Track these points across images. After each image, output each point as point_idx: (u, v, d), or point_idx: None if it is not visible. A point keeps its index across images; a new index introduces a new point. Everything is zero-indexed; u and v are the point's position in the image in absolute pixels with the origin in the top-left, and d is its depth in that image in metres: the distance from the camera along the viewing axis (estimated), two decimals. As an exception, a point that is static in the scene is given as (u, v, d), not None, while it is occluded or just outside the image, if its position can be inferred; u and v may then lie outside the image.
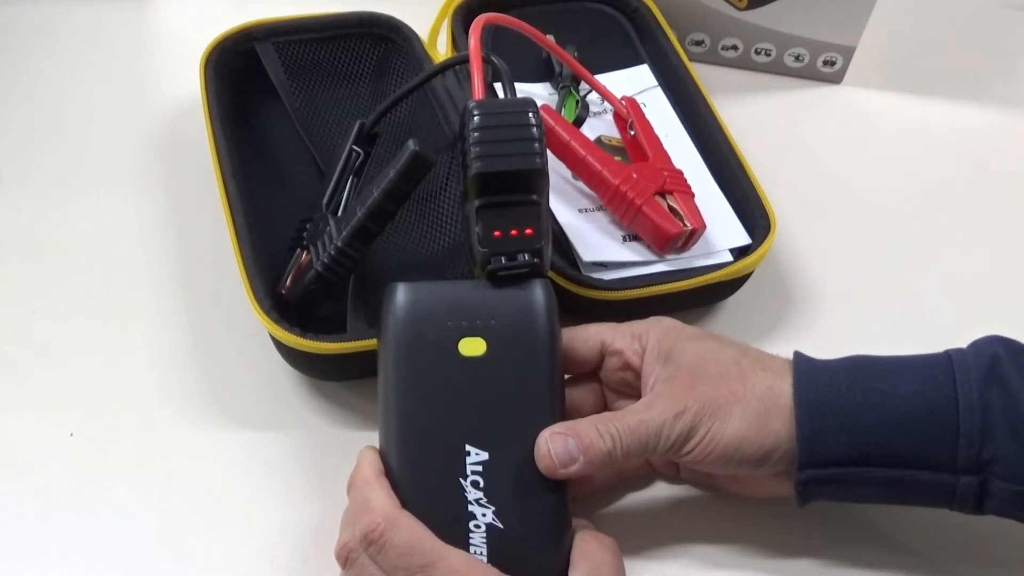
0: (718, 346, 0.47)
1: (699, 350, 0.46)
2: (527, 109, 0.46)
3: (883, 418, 0.43)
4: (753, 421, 0.44)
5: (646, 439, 0.44)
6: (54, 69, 0.70)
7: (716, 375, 0.45)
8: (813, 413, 0.43)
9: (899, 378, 0.44)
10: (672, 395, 0.45)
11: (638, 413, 0.44)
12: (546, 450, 0.43)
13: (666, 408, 0.44)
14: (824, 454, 0.43)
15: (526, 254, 0.45)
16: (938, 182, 0.68)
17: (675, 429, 0.44)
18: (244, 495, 0.50)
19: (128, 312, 0.57)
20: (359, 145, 0.55)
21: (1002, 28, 0.80)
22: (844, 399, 0.44)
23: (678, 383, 0.45)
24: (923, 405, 0.43)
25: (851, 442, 0.43)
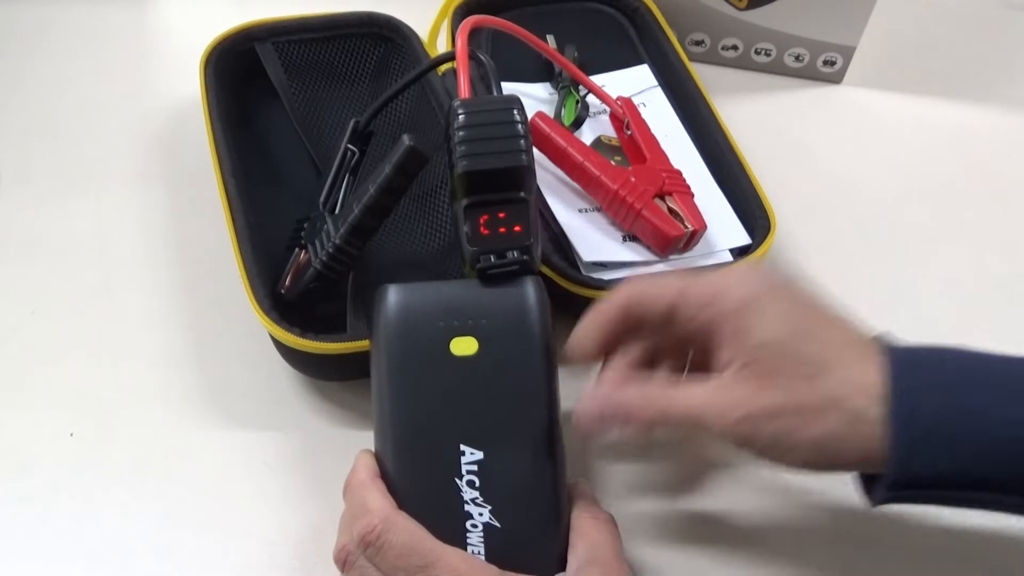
0: (804, 324, 0.42)
1: (782, 332, 0.41)
2: (512, 107, 0.46)
3: (983, 446, 0.39)
4: (837, 431, 0.40)
5: (696, 428, 0.42)
6: (54, 69, 0.70)
7: (798, 374, 0.40)
8: (909, 435, 0.39)
9: (1002, 393, 0.40)
10: (742, 393, 0.41)
11: (697, 400, 0.42)
12: (574, 423, 0.43)
13: (731, 406, 0.41)
14: (915, 476, 0.40)
15: (516, 251, 0.45)
16: (938, 182, 0.68)
17: (736, 432, 0.41)
18: (244, 495, 0.50)
19: (128, 312, 0.57)
20: (354, 143, 0.55)
21: (1002, 28, 0.80)
22: (943, 419, 0.39)
23: (752, 379, 0.41)
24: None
25: (947, 468, 0.39)
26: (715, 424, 0.41)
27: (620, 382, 0.44)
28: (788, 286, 0.43)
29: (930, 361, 0.41)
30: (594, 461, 0.52)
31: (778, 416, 0.40)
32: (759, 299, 0.42)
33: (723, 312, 0.42)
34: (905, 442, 0.39)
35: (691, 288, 0.43)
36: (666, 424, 0.43)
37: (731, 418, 0.41)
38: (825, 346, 0.41)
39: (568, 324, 0.55)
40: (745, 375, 0.41)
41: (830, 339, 0.41)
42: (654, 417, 0.43)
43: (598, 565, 0.42)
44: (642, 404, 0.43)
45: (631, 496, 0.51)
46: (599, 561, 0.42)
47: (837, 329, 0.42)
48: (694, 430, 0.42)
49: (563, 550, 0.43)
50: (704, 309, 0.43)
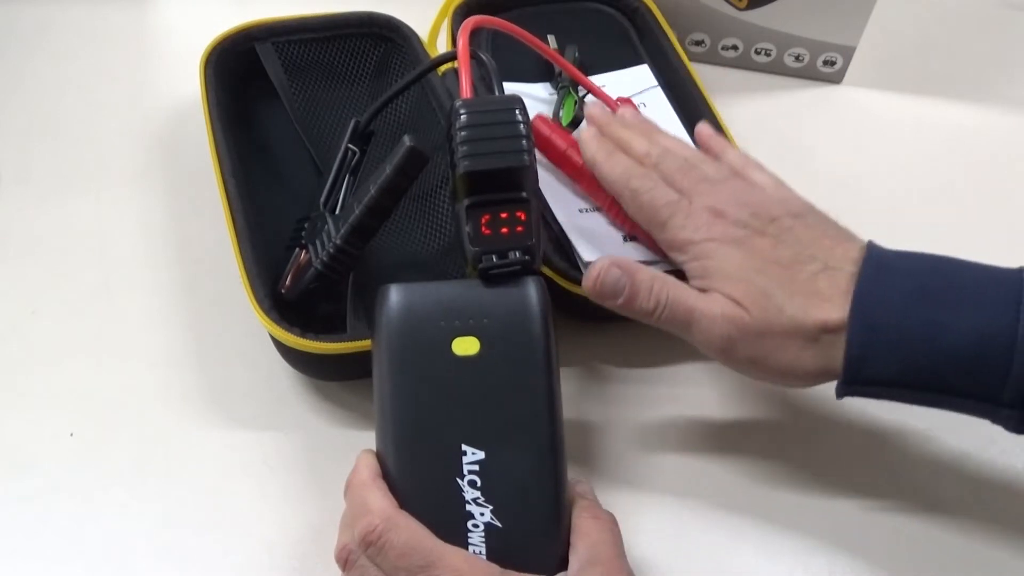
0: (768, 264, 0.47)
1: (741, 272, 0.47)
2: (514, 106, 0.46)
3: (935, 350, 0.43)
4: (803, 354, 0.45)
5: (682, 331, 0.48)
6: (54, 69, 0.70)
7: (759, 314, 0.46)
8: (867, 333, 0.44)
9: (962, 308, 0.43)
10: (725, 306, 0.46)
11: (692, 302, 0.47)
12: (596, 275, 0.48)
13: (719, 317, 0.46)
14: (869, 375, 0.44)
15: (517, 252, 0.45)
16: (938, 182, 0.68)
17: (712, 343, 0.47)
18: (244, 495, 0.50)
19: (128, 312, 0.57)
20: (354, 143, 0.55)
21: (1002, 28, 0.80)
22: (900, 326, 0.43)
23: (737, 296, 0.46)
24: (977, 341, 0.43)
25: (899, 368, 0.44)
26: (702, 331, 0.47)
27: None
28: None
29: (898, 270, 0.45)
30: (595, 461, 0.52)
31: (758, 336, 0.46)
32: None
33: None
34: (856, 343, 0.44)
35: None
36: (662, 311, 0.47)
37: (719, 330, 0.46)
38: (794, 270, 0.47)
39: (568, 324, 0.56)
40: (724, 294, 0.47)
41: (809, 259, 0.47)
42: (657, 296, 0.47)
43: (599, 565, 0.42)
44: (652, 279, 0.48)
45: (632, 496, 0.51)
46: (600, 561, 0.42)
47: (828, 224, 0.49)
48: (681, 332, 0.48)
49: (564, 550, 0.43)
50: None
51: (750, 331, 0.46)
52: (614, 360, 0.57)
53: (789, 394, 0.55)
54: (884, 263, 0.46)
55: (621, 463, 0.52)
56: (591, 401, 0.55)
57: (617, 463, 0.52)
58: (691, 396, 0.55)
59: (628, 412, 0.54)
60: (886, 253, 0.46)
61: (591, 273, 0.48)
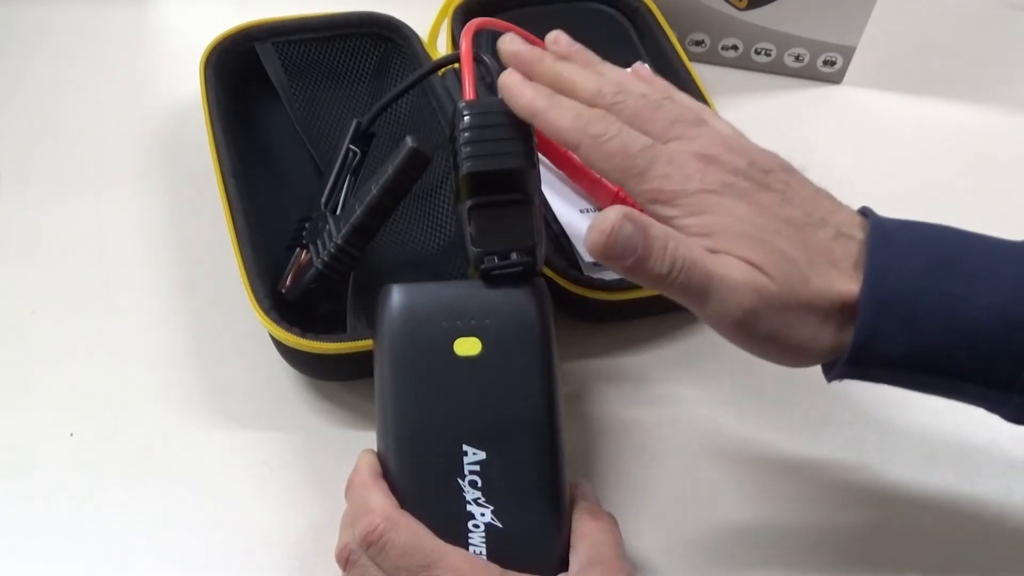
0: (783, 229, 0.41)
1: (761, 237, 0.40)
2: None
3: (949, 327, 0.39)
4: (821, 330, 0.40)
5: (700, 297, 0.39)
6: (54, 69, 0.70)
7: (800, 269, 0.40)
8: (878, 311, 0.39)
9: (977, 282, 0.40)
10: (747, 272, 0.39)
11: (710, 265, 0.39)
12: (609, 228, 0.38)
13: (741, 285, 0.39)
14: (877, 354, 0.40)
15: (519, 253, 0.45)
16: (938, 182, 0.68)
17: (736, 315, 0.39)
18: (244, 495, 0.50)
19: (128, 312, 0.57)
20: (356, 144, 0.55)
21: (1002, 28, 0.80)
22: (914, 300, 0.39)
23: (756, 260, 0.40)
24: (996, 321, 0.39)
25: (909, 347, 0.39)
26: (721, 301, 0.39)
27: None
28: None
29: (905, 239, 0.41)
30: (595, 461, 0.52)
31: (782, 310, 0.40)
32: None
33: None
34: (868, 320, 0.39)
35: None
36: (677, 275, 0.39)
37: (738, 302, 0.39)
38: (815, 239, 0.41)
39: (569, 324, 0.56)
40: (743, 257, 0.40)
41: (815, 233, 0.41)
42: (673, 257, 0.39)
43: (600, 565, 0.42)
44: (666, 236, 0.39)
45: (632, 496, 0.51)
46: (601, 561, 0.42)
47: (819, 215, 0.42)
48: (696, 301, 0.40)
49: (565, 551, 0.43)
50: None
51: (774, 302, 0.39)
52: (614, 360, 0.57)
53: (789, 393, 0.55)
54: (889, 232, 0.41)
55: (621, 463, 0.52)
56: (591, 401, 0.55)
57: (617, 463, 0.52)
58: (691, 396, 0.55)
59: (628, 412, 0.54)
60: (887, 221, 0.42)
61: (601, 226, 0.39)
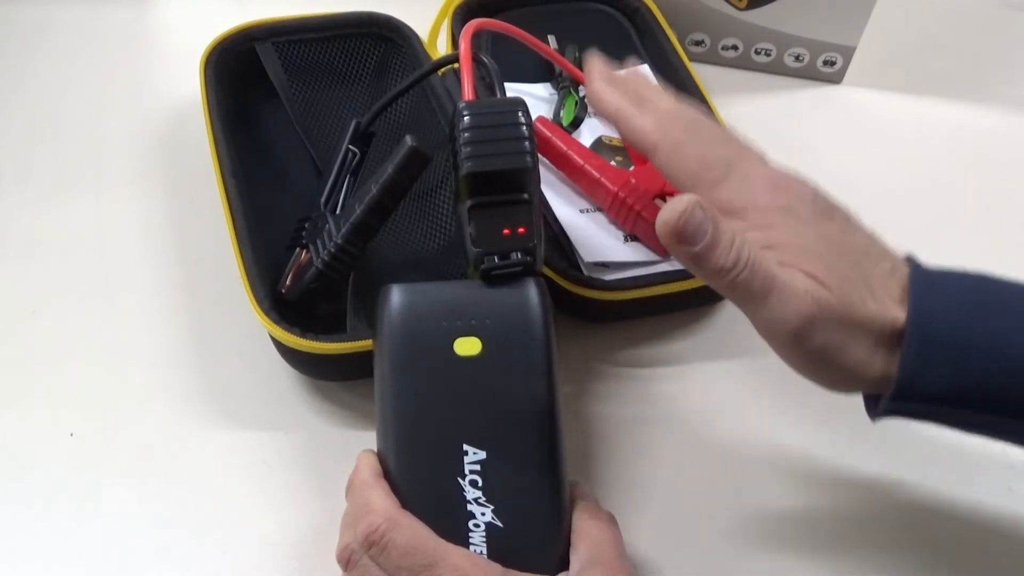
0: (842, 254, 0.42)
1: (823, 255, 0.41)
2: (517, 109, 0.46)
3: (995, 364, 0.39)
4: (873, 354, 0.40)
5: (757, 301, 0.40)
6: (54, 69, 0.70)
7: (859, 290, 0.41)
8: (923, 346, 0.39)
9: (1018, 318, 0.40)
10: (808, 283, 0.40)
11: (774, 269, 0.40)
12: (682, 210, 0.39)
13: (802, 292, 0.40)
14: (922, 388, 0.40)
15: (519, 253, 0.45)
16: (938, 182, 0.68)
17: (793, 323, 0.40)
18: (244, 495, 0.50)
19: (128, 312, 0.57)
20: (355, 144, 0.55)
21: (1002, 28, 0.80)
22: (960, 335, 0.40)
23: (818, 274, 0.40)
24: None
25: (954, 381, 0.39)
26: (781, 305, 0.40)
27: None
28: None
29: (951, 280, 0.42)
30: (595, 461, 0.52)
31: (839, 324, 0.40)
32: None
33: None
34: (915, 353, 0.40)
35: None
36: (740, 271, 0.40)
37: (802, 307, 0.40)
38: (869, 259, 0.42)
39: (569, 324, 0.56)
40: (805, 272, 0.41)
41: (870, 252, 0.43)
42: (739, 252, 0.40)
43: (600, 564, 0.42)
44: (734, 233, 0.40)
45: (632, 496, 0.51)
46: (601, 561, 0.42)
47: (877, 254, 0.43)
48: (755, 302, 0.40)
49: (565, 550, 0.43)
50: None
51: (832, 314, 0.40)
52: (614, 360, 0.57)
53: (789, 394, 0.55)
54: (931, 275, 0.42)
55: (621, 463, 0.52)
56: (591, 400, 0.55)
57: (617, 463, 0.52)
58: (691, 396, 0.55)
59: (628, 412, 0.54)
60: (930, 267, 0.43)
61: (675, 207, 0.39)
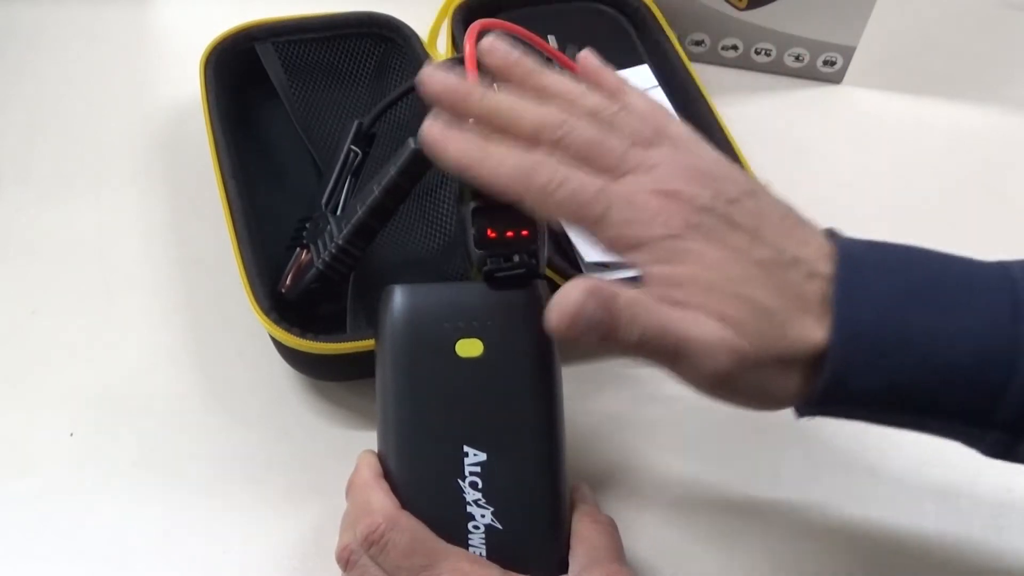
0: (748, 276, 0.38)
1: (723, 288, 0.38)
2: None
3: (927, 362, 0.37)
4: (798, 377, 0.38)
5: (671, 360, 0.38)
6: (54, 69, 0.70)
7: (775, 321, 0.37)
8: (848, 344, 0.37)
9: (955, 311, 0.37)
10: (719, 332, 0.37)
11: (681, 327, 0.37)
12: (572, 311, 0.37)
13: (715, 347, 0.37)
14: (849, 392, 0.38)
15: (522, 255, 0.45)
16: (938, 182, 0.68)
17: (711, 378, 0.38)
18: (244, 495, 0.50)
19: (128, 312, 0.57)
20: (357, 145, 0.55)
21: (1002, 28, 0.80)
22: (886, 332, 0.37)
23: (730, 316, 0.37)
24: (974, 351, 0.37)
25: (883, 383, 0.37)
26: (699, 363, 0.37)
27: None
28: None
29: (876, 264, 0.39)
30: (595, 462, 0.52)
31: (759, 367, 0.37)
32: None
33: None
34: (840, 357, 0.37)
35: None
36: (647, 341, 0.37)
37: (719, 363, 0.37)
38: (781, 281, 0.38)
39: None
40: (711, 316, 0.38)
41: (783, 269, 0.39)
42: (642, 326, 0.37)
43: (599, 568, 0.42)
44: (631, 303, 0.37)
45: (632, 497, 0.51)
46: (600, 564, 0.42)
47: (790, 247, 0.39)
48: (670, 360, 0.38)
49: (564, 553, 0.43)
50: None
51: (750, 362, 0.37)
52: (615, 360, 0.56)
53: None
54: (860, 259, 0.39)
55: (621, 464, 0.52)
56: (591, 402, 0.55)
57: (617, 464, 0.52)
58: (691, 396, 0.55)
59: (628, 412, 0.54)
60: (856, 245, 0.39)
61: (563, 306, 0.37)
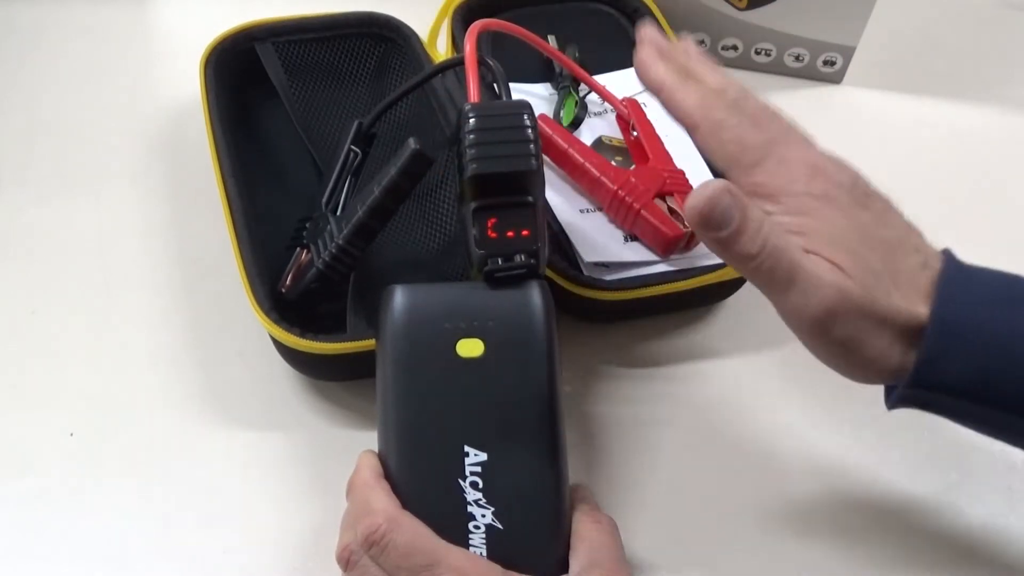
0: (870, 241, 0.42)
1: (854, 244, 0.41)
2: (522, 111, 0.46)
3: (1016, 361, 0.39)
4: (893, 347, 0.41)
5: (781, 288, 0.41)
6: (54, 69, 0.70)
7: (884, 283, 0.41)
8: (944, 337, 0.40)
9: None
10: (833, 273, 0.40)
11: (798, 257, 0.40)
12: (709, 195, 0.40)
13: (825, 282, 0.40)
14: (940, 378, 0.40)
15: (523, 255, 0.45)
16: (938, 182, 0.68)
17: (815, 312, 0.40)
18: (244, 495, 0.50)
19: (128, 312, 0.57)
20: (357, 145, 0.55)
21: (1002, 28, 0.80)
22: (981, 328, 0.40)
23: (843, 264, 0.40)
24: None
25: (974, 373, 0.40)
26: (804, 294, 0.40)
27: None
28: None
29: (979, 278, 0.42)
30: (595, 461, 0.52)
31: (861, 315, 0.40)
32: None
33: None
34: (934, 339, 0.40)
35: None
36: (765, 259, 0.40)
37: (825, 294, 0.40)
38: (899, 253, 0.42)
39: (570, 325, 0.56)
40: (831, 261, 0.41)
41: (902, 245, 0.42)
42: (765, 239, 0.40)
43: (600, 568, 0.42)
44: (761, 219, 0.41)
45: (632, 497, 0.51)
46: (601, 564, 0.42)
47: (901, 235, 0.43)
48: (779, 289, 0.41)
49: (565, 553, 0.43)
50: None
51: (854, 306, 0.40)
52: (615, 360, 0.57)
53: (790, 394, 0.55)
54: (962, 270, 0.42)
55: (621, 463, 0.52)
56: (592, 401, 0.55)
57: (617, 463, 0.52)
58: (691, 396, 0.55)
59: (629, 412, 0.54)
60: (964, 262, 0.43)
61: (702, 192, 0.40)
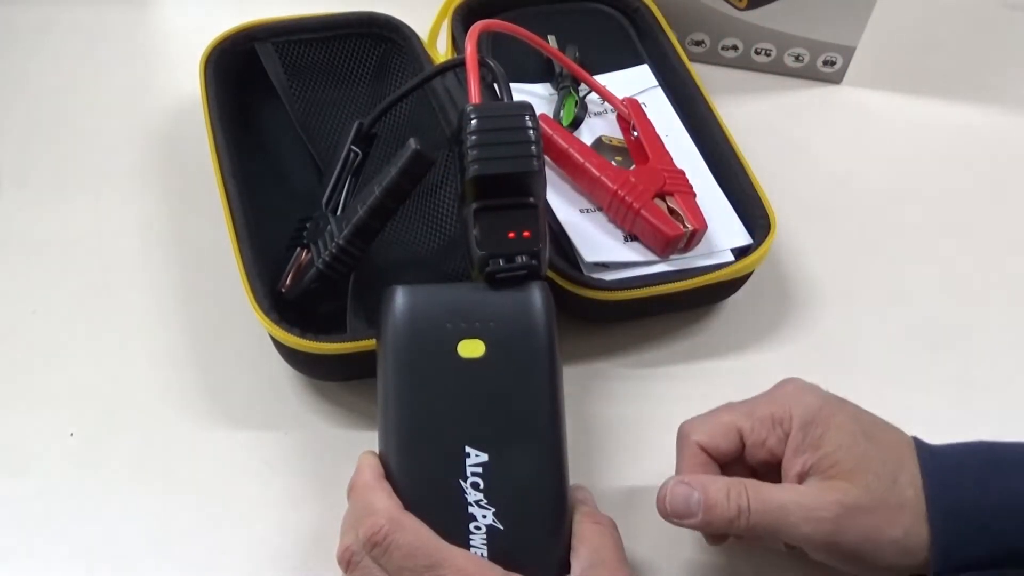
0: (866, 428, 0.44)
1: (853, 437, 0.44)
2: (524, 112, 0.46)
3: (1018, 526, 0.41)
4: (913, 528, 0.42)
5: (777, 528, 0.43)
6: (54, 69, 0.70)
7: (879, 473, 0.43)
8: (947, 517, 0.42)
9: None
10: (831, 494, 0.43)
11: (780, 495, 0.43)
12: (662, 495, 0.44)
13: (823, 505, 0.42)
14: (961, 559, 0.42)
15: (524, 256, 0.45)
16: (938, 182, 0.68)
17: (827, 529, 0.42)
18: (244, 495, 0.50)
19: (128, 312, 0.57)
20: (357, 145, 0.55)
21: (1002, 28, 0.80)
22: (980, 502, 0.42)
23: (837, 480, 0.43)
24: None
25: (992, 547, 0.42)
26: (804, 522, 0.42)
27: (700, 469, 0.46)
28: (836, 397, 0.46)
29: (956, 451, 0.44)
30: (596, 461, 0.52)
31: (870, 511, 0.42)
32: (822, 410, 0.45)
33: (792, 429, 0.45)
34: (943, 528, 0.42)
35: (754, 416, 0.46)
36: (747, 519, 0.43)
37: (823, 515, 0.42)
38: (889, 448, 0.44)
39: (570, 324, 0.56)
40: (830, 477, 0.43)
41: (890, 441, 0.44)
42: (738, 500, 0.43)
43: (601, 569, 0.42)
44: (727, 486, 0.43)
45: (632, 497, 0.51)
46: (602, 565, 0.42)
47: (890, 431, 0.45)
48: (776, 530, 0.43)
49: (565, 554, 0.43)
50: (773, 432, 0.45)
51: (862, 505, 0.42)
52: (615, 360, 0.57)
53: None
54: (937, 452, 0.44)
55: (621, 463, 0.52)
56: (592, 401, 0.55)
57: (617, 463, 0.52)
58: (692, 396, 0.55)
59: (629, 412, 0.54)
60: (933, 446, 0.44)
61: (660, 495, 0.45)
